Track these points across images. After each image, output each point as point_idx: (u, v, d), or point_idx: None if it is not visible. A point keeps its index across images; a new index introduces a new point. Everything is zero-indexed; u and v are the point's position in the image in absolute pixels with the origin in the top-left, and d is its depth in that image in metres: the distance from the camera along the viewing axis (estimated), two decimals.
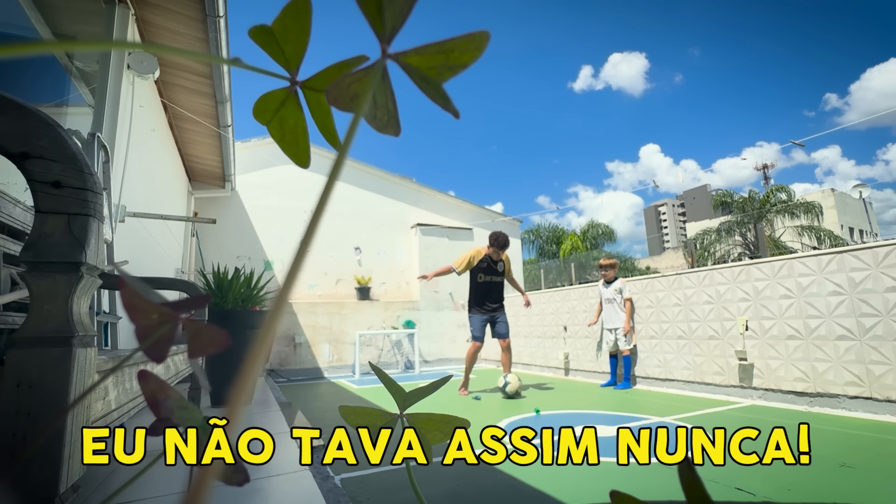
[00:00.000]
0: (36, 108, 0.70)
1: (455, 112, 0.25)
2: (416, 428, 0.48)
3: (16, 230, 1.34)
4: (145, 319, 0.29)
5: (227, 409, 0.13)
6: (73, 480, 0.70)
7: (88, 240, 0.73)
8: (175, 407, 0.33)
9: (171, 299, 0.30)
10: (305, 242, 0.16)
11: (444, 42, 0.22)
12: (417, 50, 0.22)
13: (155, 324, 0.29)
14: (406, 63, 0.23)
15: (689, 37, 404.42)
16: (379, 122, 0.26)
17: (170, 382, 1.33)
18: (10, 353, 0.68)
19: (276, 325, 0.14)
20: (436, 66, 0.23)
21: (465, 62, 0.23)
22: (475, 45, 0.22)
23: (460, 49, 0.22)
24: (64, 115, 2.58)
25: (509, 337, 4.21)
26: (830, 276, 3.07)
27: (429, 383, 0.48)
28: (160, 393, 0.33)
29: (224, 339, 0.30)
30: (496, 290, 4.29)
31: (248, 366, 0.13)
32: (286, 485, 1.42)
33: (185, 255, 5.56)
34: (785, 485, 1.63)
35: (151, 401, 0.33)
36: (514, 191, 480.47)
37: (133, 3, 2.84)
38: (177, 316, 0.29)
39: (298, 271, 0.15)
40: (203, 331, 0.30)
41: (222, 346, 0.30)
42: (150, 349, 0.29)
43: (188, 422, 0.33)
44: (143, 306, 0.28)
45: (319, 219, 0.17)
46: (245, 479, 0.31)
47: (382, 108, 0.25)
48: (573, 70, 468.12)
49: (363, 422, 0.48)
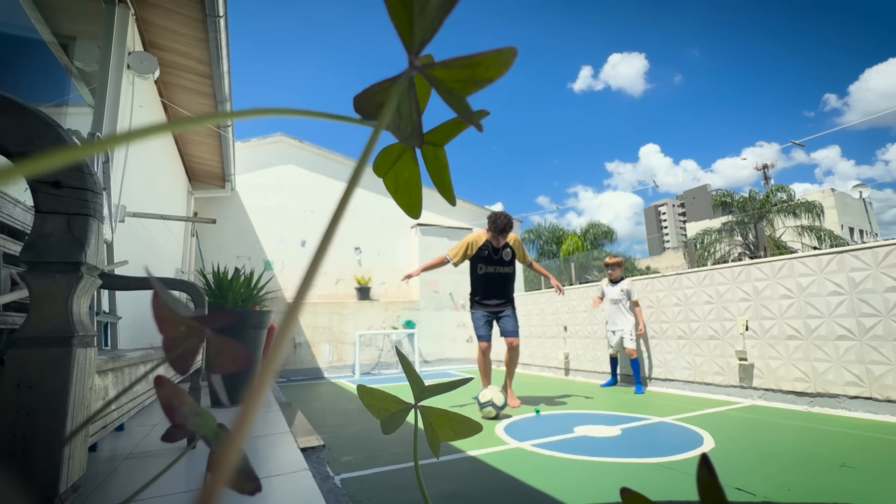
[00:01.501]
0: (36, 108, 0.70)
1: (479, 126, 0.25)
2: (427, 422, 0.48)
3: (16, 230, 1.34)
4: (173, 331, 0.29)
5: (238, 416, 0.13)
6: (73, 480, 0.70)
7: (88, 240, 0.73)
8: (190, 414, 0.33)
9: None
10: (322, 248, 0.16)
11: (471, 56, 0.22)
12: (444, 63, 0.23)
13: (182, 336, 0.29)
14: (432, 75, 0.23)
15: (688, 37, 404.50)
16: (402, 132, 0.26)
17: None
18: (10, 353, 0.68)
19: (291, 333, 0.14)
20: (462, 80, 0.23)
21: (492, 77, 0.23)
22: (502, 61, 0.22)
23: (487, 64, 0.22)
24: (64, 115, 2.58)
25: (518, 336, 3.47)
26: (830, 276, 3.07)
27: (449, 381, 0.49)
28: (175, 399, 0.33)
29: (246, 357, 0.30)
30: (501, 282, 3.54)
31: (263, 372, 0.13)
32: (286, 485, 1.42)
33: (185, 254, 5.56)
34: (785, 485, 1.63)
35: (167, 406, 0.33)
36: (514, 191, 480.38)
37: (133, 3, 2.84)
38: (204, 330, 0.30)
39: (312, 280, 0.15)
40: (227, 347, 0.30)
41: (244, 364, 0.30)
42: (176, 361, 0.29)
43: (203, 429, 0.33)
44: (172, 318, 0.29)
45: (338, 222, 0.17)
46: (257, 489, 0.31)
47: (406, 118, 0.26)
48: (573, 70, 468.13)
49: (378, 404, 0.49)
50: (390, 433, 0.50)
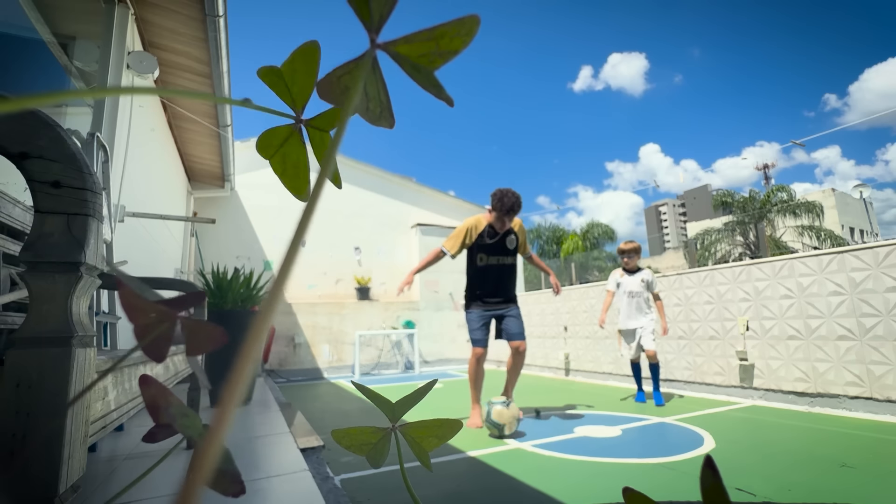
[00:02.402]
0: (35, 108, 0.70)
1: (449, 100, 0.25)
2: (410, 438, 0.46)
3: (15, 230, 1.34)
4: (143, 318, 0.29)
5: (216, 412, 0.12)
6: (73, 480, 0.70)
7: (88, 240, 0.73)
8: (177, 414, 0.32)
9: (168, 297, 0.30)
10: (295, 241, 0.15)
11: (433, 28, 0.22)
12: (406, 38, 0.22)
13: (153, 322, 0.29)
14: (396, 52, 0.22)
15: (688, 37, 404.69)
16: (371, 113, 0.26)
17: (170, 383, 1.32)
18: (9, 354, 0.68)
19: (269, 320, 0.14)
20: (426, 54, 0.23)
21: (456, 48, 0.22)
22: (465, 30, 0.22)
23: (450, 35, 0.22)
24: (63, 114, 2.58)
25: (525, 338, 2.84)
26: (831, 276, 3.07)
27: (414, 391, 0.46)
28: (161, 399, 0.33)
29: (221, 336, 0.30)
30: (505, 276, 2.96)
31: (240, 365, 0.13)
32: (286, 485, 1.42)
33: (184, 255, 5.56)
34: (785, 485, 1.63)
35: (151, 406, 0.33)
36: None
37: (132, 3, 2.84)
38: (174, 314, 0.29)
39: (288, 272, 0.15)
40: (201, 328, 0.30)
41: (220, 344, 0.30)
42: (149, 348, 0.29)
43: (189, 430, 0.32)
44: (140, 305, 0.28)
45: (311, 215, 0.17)
46: (241, 491, 0.30)
47: (374, 99, 0.25)
48: (573, 70, 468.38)
49: (357, 441, 0.46)
50: (380, 465, 0.47)
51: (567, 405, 3.45)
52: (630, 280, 3.60)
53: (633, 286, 3.57)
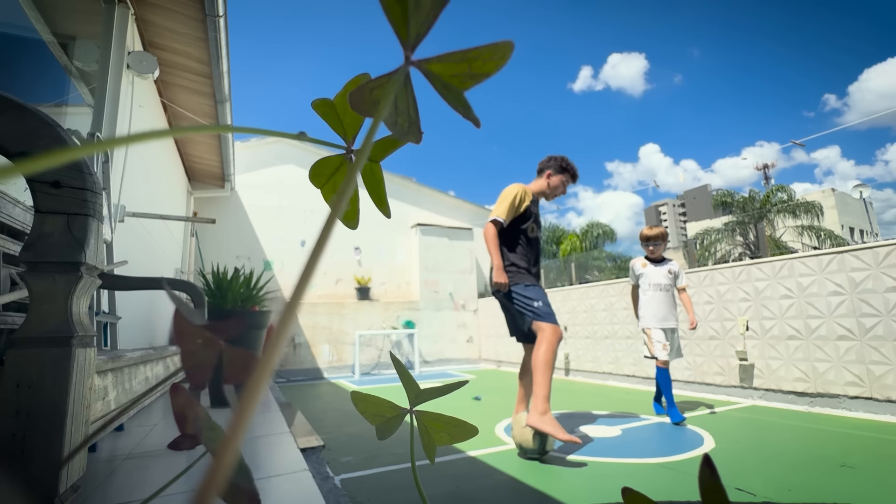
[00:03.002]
0: (36, 108, 0.70)
1: (476, 121, 0.25)
2: (423, 427, 0.47)
3: (15, 230, 1.34)
4: (191, 344, 0.29)
5: (232, 420, 0.12)
6: (73, 480, 0.70)
7: (88, 240, 0.73)
8: (204, 427, 0.33)
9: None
10: (316, 253, 0.16)
11: (467, 51, 0.22)
12: (440, 58, 0.22)
13: (198, 348, 0.29)
14: (429, 70, 0.23)
15: (688, 37, 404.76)
16: (400, 127, 0.26)
17: (169, 381, 1.32)
18: (9, 354, 0.68)
19: (287, 334, 0.14)
20: (458, 75, 0.23)
21: (489, 71, 0.23)
22: (499, 55, 0.22)
23: (483, 58, 0.22)
24: (63, 114, 2.58)
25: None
26: (831, 276, 3.07)
27: (444, 384, 0.47)
28: (189, 410, 0.33)
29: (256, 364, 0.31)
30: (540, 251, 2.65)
31: (258, 375, 0.13)
32: (286, 485, 1.42)
33: (184, 255, 5.56)
34: (785, 485, 1.63)
35: (179, 416, 0.33)
36: None
37: (133, 3, 2.84)
38: (220, 343, 0.30)
39: (307, 283, 0.15)
40: (239, 357, 0.30)
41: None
42: (192, 373, 0.30)
43: (214, 444, 0.33)
44: (190, 331, 0.29)
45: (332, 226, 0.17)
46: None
47: (404, 114, 0.25)
48: (573, 71, 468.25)
49: (373, 409, 0.48)
50: (385, 438, 0.49)
51: (567, 405, 3.45)
52: (655, 271, 3.06)
53: (659, 278, 3.03)
